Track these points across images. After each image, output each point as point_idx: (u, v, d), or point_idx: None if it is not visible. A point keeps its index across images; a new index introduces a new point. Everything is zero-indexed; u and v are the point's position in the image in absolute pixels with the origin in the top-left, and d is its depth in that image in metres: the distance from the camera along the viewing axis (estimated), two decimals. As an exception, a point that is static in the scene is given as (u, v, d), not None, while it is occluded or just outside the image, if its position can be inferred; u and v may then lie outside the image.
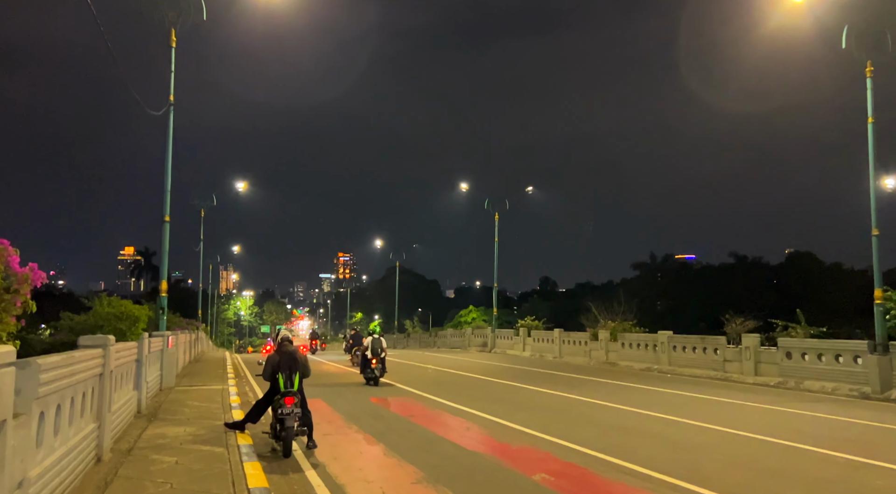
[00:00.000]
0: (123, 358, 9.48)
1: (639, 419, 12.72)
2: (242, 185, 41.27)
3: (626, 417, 13.04)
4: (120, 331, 11.13)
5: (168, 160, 16.47)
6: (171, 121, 16.49)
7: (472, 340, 45.49)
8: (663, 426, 11.81)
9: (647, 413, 13.30)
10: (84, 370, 6.44)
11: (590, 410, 14.07)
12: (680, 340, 24.80)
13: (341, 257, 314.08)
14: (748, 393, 17.66)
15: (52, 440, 5.43)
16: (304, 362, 9.43)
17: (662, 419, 12.62)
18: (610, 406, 14.45)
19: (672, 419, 12.50)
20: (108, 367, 7.68)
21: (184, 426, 10.25)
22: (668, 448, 9.72)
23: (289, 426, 8.69)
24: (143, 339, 11.79)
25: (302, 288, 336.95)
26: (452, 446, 9.78)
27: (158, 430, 9.78)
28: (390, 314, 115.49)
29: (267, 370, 9.32)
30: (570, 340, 33.08)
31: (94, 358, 7.07)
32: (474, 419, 12.38)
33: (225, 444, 8.79)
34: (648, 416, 12.98)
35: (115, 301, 11.32)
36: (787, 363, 19.71)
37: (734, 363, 21.85)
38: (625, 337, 28.59)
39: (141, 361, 11.50)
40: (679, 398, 16.38)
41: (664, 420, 12.46)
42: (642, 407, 14.17)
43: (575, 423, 12.19)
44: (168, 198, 16.52)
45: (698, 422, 12.11)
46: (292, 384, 9.15)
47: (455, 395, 16.13)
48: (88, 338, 7.56)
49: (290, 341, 9.67)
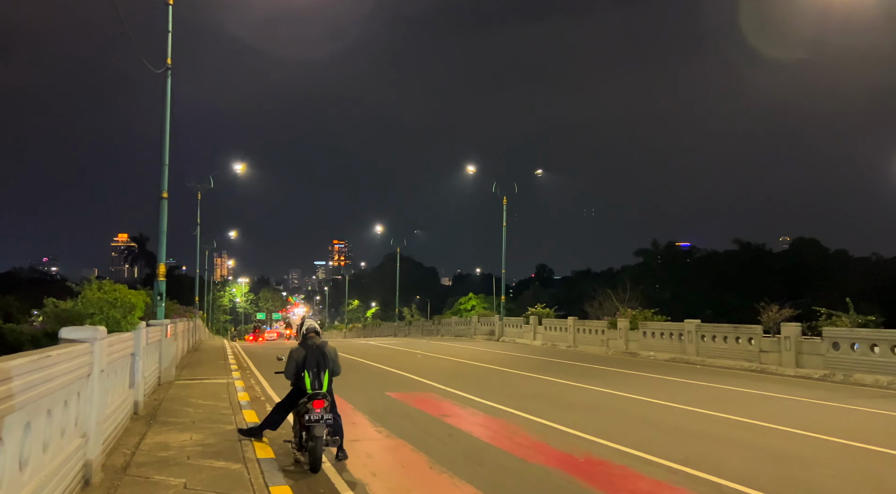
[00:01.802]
0: (117, 353, 7.95)
1: (700, 419, 11.27)
2: (241, 166, 39.48)
3: (682, 417, 11.59)
4: (113, 320, 9.64)
5: (166, 130, 14.82)
6: (169, 85, 14.87)
7: (479, 328, 44.06)
8: (735, 430, 10.36)
9: (705, 412, 11.85)
10: (65, 372, 4.92)
11: (637, 408, 12.62)
12: (709, 329, 23.40)
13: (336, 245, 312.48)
14: (798, 387, 16.29)
15: (18, 475, 3.92)
16: (335, 357, 7.90)
17: (727, 419, 11.18)
18: (657, 403, 13.01)
19: (739, 421, 11.06)
20: (97, 365, 6.17)
21: (189, 431, 8.74)
22: (762, 460, 8.27)
23: (318, 435, 7.19)
24: (141, 329, 10.27)
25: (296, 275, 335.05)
26: (506, 456, 8.30)
27: (160, 437, 8.27)
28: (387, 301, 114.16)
29: (290, 367, 7.78)
30: (586, 328, 31.68)
31: (80, 356, 5.55)
32: (513, 419, 10.93)
33: (241, 458, 7.28)
34: (709, 416, 11.53)
35: (108, 285, 9.80)
36: (834, 355, 18.33)
37: (772, 354, 20.46)
38: (646, 326, 27.18)
39: (138, 354, 9.98)
40: (729, 393, 14.96)
41: (730, 422, 11.02)
42: (694, 404, 12.74)
43: (630, 424, 10.73)
44: (166, 172, 14.89)
45: (773, 425, 10.67)
46: (321, 385, 7.63)
47: (481, 390, 14.69)
48: (73, 330, 6.03)
49: (317, 332, 8.12)
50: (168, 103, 14.72)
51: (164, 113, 14.70)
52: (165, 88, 14.76)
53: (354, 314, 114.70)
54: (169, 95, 14.74)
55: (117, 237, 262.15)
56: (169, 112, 14.72)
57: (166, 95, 14.70)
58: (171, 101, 15.34)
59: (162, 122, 14.77)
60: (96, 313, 9.32)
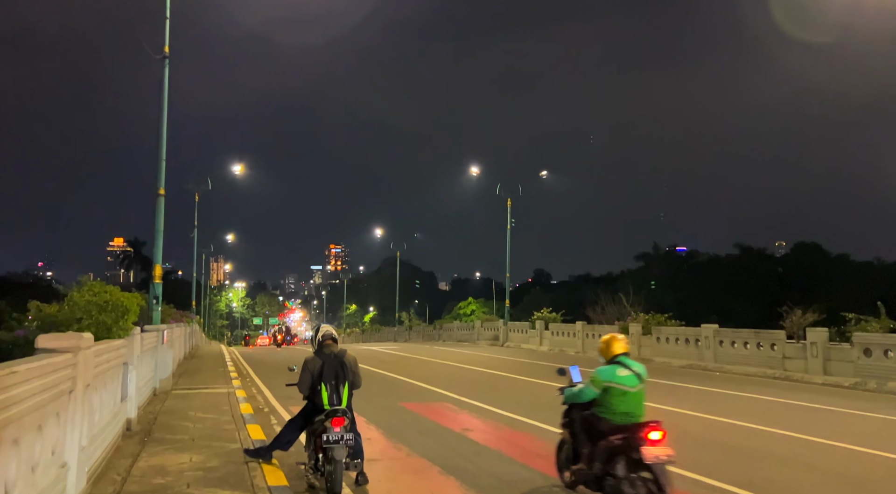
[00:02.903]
0: (107, 363, 6.99)
1: (746, 435, 10.34)
2: (239, 168, 38.49)
3: (724, 431, 10.66)
4: (104, 325, 8.66)
5: (163, 122, 13.86)
6: (167, 75, 13.90)
7: (482, 333, 43.08)
8: (791, 446, 9.43)
9: (749, 426, 10.92)
10: (37, 391, 3.97)
11: (672, 420, 11.61)
12: (728, 334, 22.49)
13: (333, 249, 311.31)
14: (833, 396, 15.37)
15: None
16: (355, 367, 6.95)
17: (775, 434, 10.25)
18: (692, 415, 12.07)
19: (789, 436, 10.14)
20: (81, 380, 5.21)
21: (189, 451, 7.76)
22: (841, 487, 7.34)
23: (338, 458, 6.23)
24: (134, 336, 9.30)
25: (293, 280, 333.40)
26: (545, 479, 7.35)
27: (155, 460, 7.29)
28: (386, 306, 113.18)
29: (304, 379, 6.80)
30: (595, 333, 30.72)
31: (59, 369, 4.60)
32: (542, 435, 9.96)
33: (250, 485, 6.31)
34: (754, 430, 10.60)
35: (98, 287, 8.85)
36: (866, 362, 17.41)
37: (796, 361, 19.54)
38: (660, 331, 26.24)
39: (131, 363, 9.02)
40: (764, 404, 14.04)
41: (780, 437, 10.09)
42: (732, 416, 11.81)
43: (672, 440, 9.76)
44: (163, 167, 13.93)
45: (828, 440, 9.74)
46: (340, 399, 6.66)
47: (497, 399, 13.75)
48: (52, 338, 5.08)
49: (334, 339, 7.15)
50: (165, 93, 13.77)
51: (162, 104, 13.76)
52: (163, 77, 13.81)
53: (352, 318, 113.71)
54: (167, 85, 13.81)
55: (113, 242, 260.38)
56: (166, 103, 13.78)
57: (164, 85, 13.76)
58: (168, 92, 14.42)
59: (159, 114, 13.83)
60: (84, 318, 8.38)
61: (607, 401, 6.13)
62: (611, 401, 6.10)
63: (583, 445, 6.36)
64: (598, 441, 6.08)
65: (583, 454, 6.34)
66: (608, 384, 6.11)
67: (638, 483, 5.65)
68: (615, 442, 5.86)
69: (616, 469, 5.80)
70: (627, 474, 5.73)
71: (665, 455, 5.63)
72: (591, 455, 6.17)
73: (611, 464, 5.86)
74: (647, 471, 5.62)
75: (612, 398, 6.10)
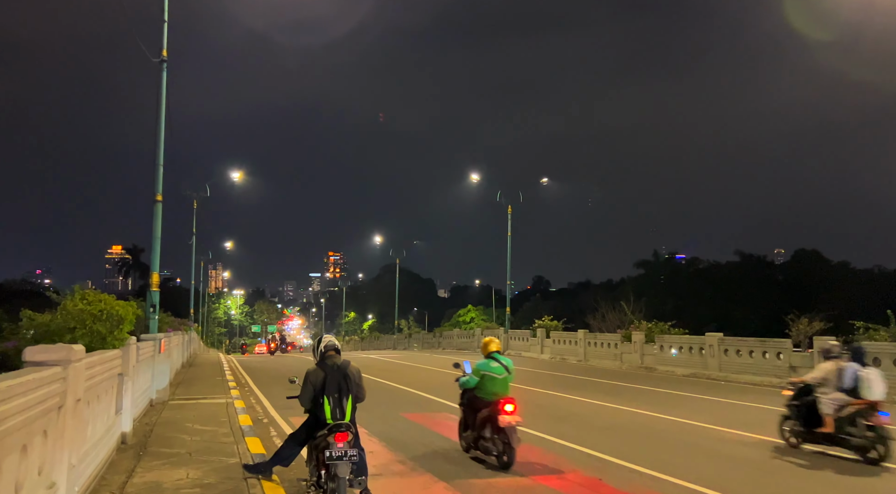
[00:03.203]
0: (100, 375, 6.70)
1: (757, 446, 10.07)
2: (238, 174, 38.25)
3: (743, 446, 10.37)
4: (98, 335, 8.37)
5: (161, 125, 13.60)
6: (165, 78, 13.63)
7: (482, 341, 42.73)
8: (806, 459, 9.15)
9: (770, 441, 10.64)
10: (22, 409, 3.69)
11: (686, 433, 11.38)
12: (733, 342, 22.22)
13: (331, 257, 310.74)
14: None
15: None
16: (358, 379, 6.65)
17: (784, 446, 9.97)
18: (705, 427, 11.78)
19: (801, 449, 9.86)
20: (72, 394, 4.93)
21: (185, 466, 7.46)
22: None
23: (342, 476, 5.94)
24: (130, 346, 9.01)
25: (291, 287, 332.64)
26: (558, 495, 7.06)
27: (150, 475, 6.99)
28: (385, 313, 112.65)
29: (306, 392, 6.50)
30: (597, 342, 30.45)
31: (47, 384, 4.32)
32: (551, 447, 9.71)
33: (249, 504, 6.02)
34: (767, 443, 10.32)
35: (92, 295, 8.55)
36: (875, 371, 17.13)
37: (804, 370, 19.21)
38: (663, 339, 25.95)
39: (126, 374, 8.73)
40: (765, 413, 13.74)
41: (789, 449, 9.81)
42: (749, 429, 11.52)
43: (691, 455, 9.50)
44: (161, 172, 13.66)
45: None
46: (343, 413, 6.37)
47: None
48: (41, 350, 4.80)
49: (337, 350, 6.87)
50: (164, 97, 13.51)
51: (159, 107, 13.51)
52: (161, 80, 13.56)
53: (351, 326, 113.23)
54: (164, 88, 13.55)
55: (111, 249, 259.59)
56: (164, 106, 13.53)
57: (161, 88, 13.51)
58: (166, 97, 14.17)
59: (157, 117, 13.58)
60: (78, 327, 8.08)
61: (483, 385, 8.62)
62: (485, 385, 8.60)
63: (469, 417, 8.85)
64: (477, 413, 8.58)
65: (469, 424, 8.83)
66: (484, 373, 8.63)
67: (497, 441, 8.20)
68: (485, 413, 8.45)
69: (485, 432, 8.40)
70: (491, 435, 8.30)
71: (514, 421, 8.13)
72: (472, 424, 8.68)
73: (483, 429, 8.44)
74: (503, 433, 8.07)
75: (486, 383, 8.61)
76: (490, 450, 8.30)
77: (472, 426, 8.65)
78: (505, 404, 8.17)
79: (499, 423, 8.05)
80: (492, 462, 8.30)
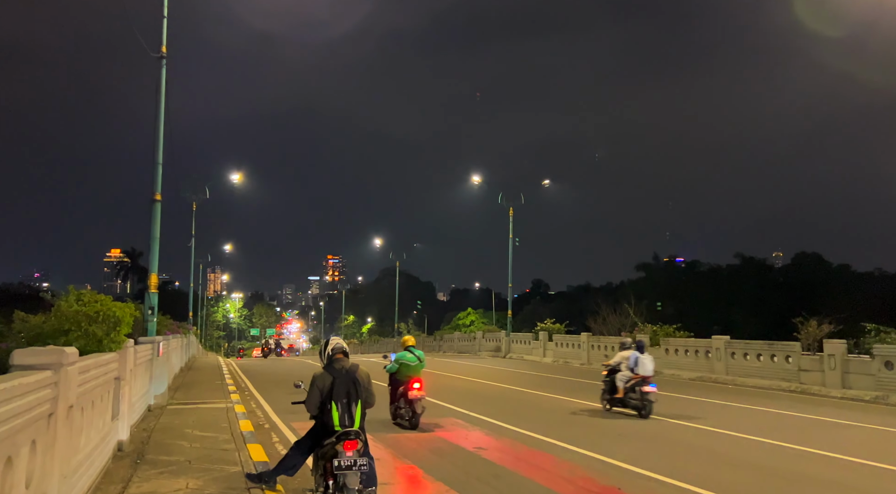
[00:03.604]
0: (95, 379, 6.36)
1: (779, 454, 9.74)
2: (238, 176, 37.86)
3: (753, 450, 10.04)
4: (94, 337, 8.02)
5: (160, 123, 13.25)
6: (164, 75, 13.30)
7: (483, 344, 42.37)
8: (833, 469, 8.83)
9: (780, 445, 10.31)
10: (4, 418, 3.35)
11: (698, 438, 11.05)
12: (741, 346, 21.88)
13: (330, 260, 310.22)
14: (857, 411, 14.78)
15: None
16: (368, 383, 6.32)
17: (813, 455, 9.65)
18: (718, 432, 11.45)
19: (828, 457, 9.53)
20: (63, 400, 4.60)
21: (185, 475, 7.11)
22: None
23: (351, 486, 5.62)
24: (127, 349, 8.67)
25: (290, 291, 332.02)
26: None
27: (148, 486, 6.64)
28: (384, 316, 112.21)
29: (312, 397, 6.15)
30: (601, 345, 30.08)
31: (36, 390, 3.99)
32: (562, 454, 9.37)
33: (253, 517, 5.67)
34: (788, 450, 10.00)
35: (89, 296, 8.22)
36: (887, 375, 16.82)
37: (813, 374, 18.93)
38: (668, 342, 25.60)
39: (123, 378, 8.39)
40: (788, 419, 13.41)
41: (817, 457, 9.49)
42: (758, 433, 11.19)
43: (704, 461, 9.17)
44: (160, 171, 13.32)
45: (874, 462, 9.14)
46: (352, 420, 6.03)
47: (508, 414, 13.13)
48: (30, 353, 4.47)
49: (345, 353, 6.54)
50: (163, 94, 13.17)
51: (158, 105, 13.17)
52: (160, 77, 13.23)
53: (350, 329, 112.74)
54: (164, 85, 13.22)
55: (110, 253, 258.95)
56: (163, 104, 13.19)
57: (161, 85, 13.18)
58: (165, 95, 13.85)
59: (156, 115, 13.23)
60: (73, 329, 7.76)
61: (401, 370, 11.74)
62: (403, 370, 11.74)
63: (393, 394, 11.84)
64: (397, 391, 11.70)
65: (392, 398, 11.82)
66: (401, 361, 11.83)
67: (408, 411, 11.34)
68: (401, 390, 11.58)
69: (400, 403, 11.54)
70: (405, 407, 11.41)
71: (419, 395, 11.28)
72: (395, 398, 11.72)
73: (399, 401, 11.59)
74: (412, 404, 11.24)
75: (403, 368, 11.75)
76: (403, 416, 11.46)
77: (395, 400, 11.70)
78: (414, 383, 11.34)
79: (409, 396, 11.25)
80: (404, 424, 11.39)
